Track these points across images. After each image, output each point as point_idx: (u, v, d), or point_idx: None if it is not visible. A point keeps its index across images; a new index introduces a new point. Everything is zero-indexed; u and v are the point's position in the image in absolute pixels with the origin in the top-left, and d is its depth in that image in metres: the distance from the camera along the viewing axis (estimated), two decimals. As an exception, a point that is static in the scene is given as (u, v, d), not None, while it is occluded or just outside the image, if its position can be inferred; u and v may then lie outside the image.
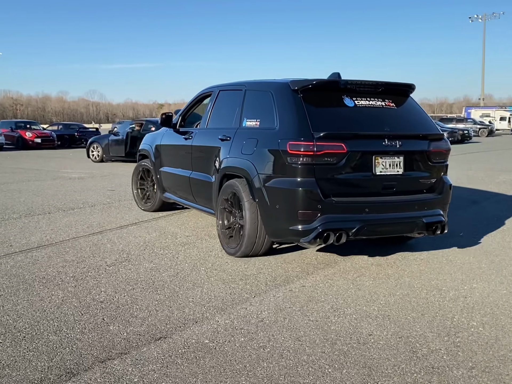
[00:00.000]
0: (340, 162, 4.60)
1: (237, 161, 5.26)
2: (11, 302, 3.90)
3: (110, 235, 6.16)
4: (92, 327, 3.47)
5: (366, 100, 5.05)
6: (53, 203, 8.47)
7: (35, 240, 5.88)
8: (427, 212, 5.01)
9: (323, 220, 4.54)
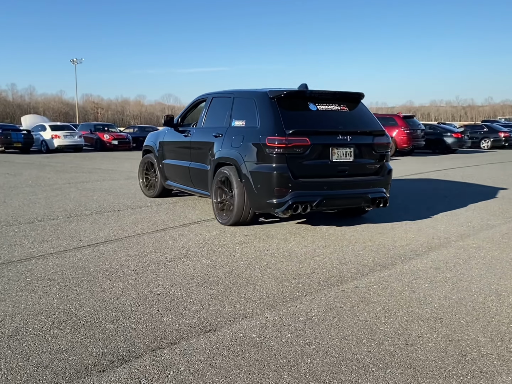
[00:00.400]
0: (305, 152, 6.13)
1: (228, 152, 6.77)
2: (75, 292, 4.15)
3: (172, 232, 6.38)
4: (147, 317, 3.63)
5: (326, 105, 6.57)
6: (123, 201, 8.86)
7: (103, 235, 6.19)
8: (372, 190, 6.58)
9: (292, 195, 6.03)
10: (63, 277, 4.51)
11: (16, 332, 3.34)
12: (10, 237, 6.04)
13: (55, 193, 9.97)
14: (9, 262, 4.98)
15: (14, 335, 3.30)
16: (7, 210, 7.95)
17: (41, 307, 3.80)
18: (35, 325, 3.46)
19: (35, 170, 15.51)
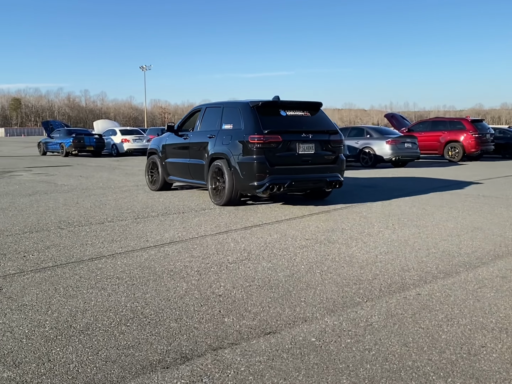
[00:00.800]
0: (278, 146, 8.23)
1: (220, 149, 8.81)
2: (141, 291, 4.32)
3: (234, 235, 6.50)
4: (209, 317, 3.74)
5: (293, 112, 8.70)
6: (187, 204, 9.09)
7: (168, 236, 6.40)
8: (329, 175, 8.70)
9: (269, 179, 8.11)
10: (130, 276, 4.70)
11: (86, 327, 3.53)
12: (82, 237, 6.35)
13: (124, 195, 10.36)
14: (81, 261, 5.24)
15: (85, 330, 3.48)
16: (80, 211, 8.35)
17: (110, 304, 3.99)
18: (104, 321, 3.64)
19: (106, 172, 16.16)
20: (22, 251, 5.61)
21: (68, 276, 4.70)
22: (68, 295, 4.19)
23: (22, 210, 8.46)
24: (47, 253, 5.53)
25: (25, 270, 4.91)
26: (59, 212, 8.21)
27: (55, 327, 3.52)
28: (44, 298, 4.10)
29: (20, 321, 3.63)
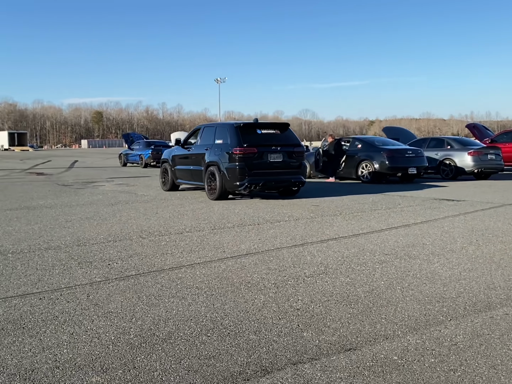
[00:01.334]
0: (254, 156, 11.03)
1: (213, 158, 11.70)
2: (220, 301, 4.38)
3: (310, 248, 6.46)
4: (287, 331, 3.73)
5: (266, 130, 11.55)
6: (262, 215, 9.16)
7: (244, 247, 6.46)
8: (294, 177, 11.60)
9: (248, 180, 10.96)
10: (209, 287, 4.78)
11: (169, 336, 3.62)
12: (162, 246, 6.54)
13: (201, 206, 10.58)
14: (162, 270, 5.39)
15: (168, 338, 3.57)
16: (159, 221, 8.61)
17: (190, 313, 4.07)
18: (186, 330, 3.72)
19: (182, 183, 16.57)
20: (107, 259, 5.85)
21: (150, 285, 4.85)
22: (150, 303, 4.32)
23: (105, 219, 8.84)
24: (130, 262, 5.74)
25: (110, 278, 5.11)
26: (140, 222, 8.50)
27: (139, 335, 3.64)
28: (128, 306, 4.25)
29: (106, 327, 3.78)
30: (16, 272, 5.31)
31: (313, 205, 10.62)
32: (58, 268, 5.48)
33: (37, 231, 7.68)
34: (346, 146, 17.80)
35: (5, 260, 5.83)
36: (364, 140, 17.84)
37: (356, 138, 18.14)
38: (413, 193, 13.31)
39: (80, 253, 6.20)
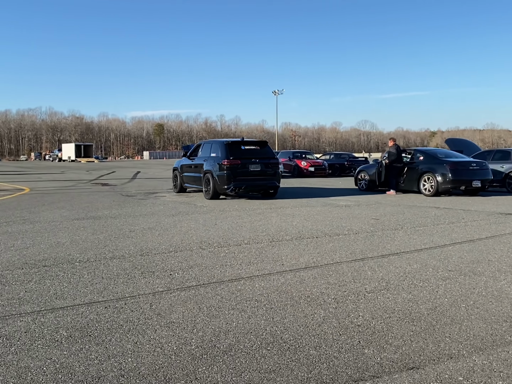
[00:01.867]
0: (238, 166, 14.49)
1: (208, 167, 15.00)
2: (279, 315, 4.38)
3: (371, 262, 6.37)
4: (348, 347, 3.69)
5: (249, 146, 15.36)
6: (320, 228, 9.11)
7: (303, 261, 6.44)
8: (269, 182, 15.15)
9: (233, 184, 14.37)
10: (268, 300, 4.80)
11: (229, 348, 3.65)
12: (221, 258, 6.62)
13: (258, 218, 10.64)
14: (221, 281, 5.46)
15: (228, 350, 3.61)
16: (218, 232, 8.72)
17: (250, 326, 4.10)
18: (246, 343, 3.75)
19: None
20: (168, 270, 5.98)
21: (210, 296, 4.92)
22: (211, 315, 4.38)
23: (167, 229, 9.04)
24: (191, 272, 5.84)
25: (172, 288, 5.22)
26: (200, 233, 8.64)
27: (201, 346, 3.69)
28: (190, 317, 4.32)
29: (169, 337, 3.86)
30: (83, 280, 5.51)
31: (373, 219, 10.46)
32: (122, 277, 5.65)
33: (102, 240, 7.95)
34: (407, 158, 17.45)
35: (72, 268, 6.06)
36: (426, 152, 17.43)
37: (417, 149, 17.73)
38: (478, 207, 12.88)
39: (143, 262, 6.36)
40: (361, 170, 19.08)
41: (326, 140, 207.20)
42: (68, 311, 4.46)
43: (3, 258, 6.62)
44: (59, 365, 3.36)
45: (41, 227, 9.34)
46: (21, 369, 3.30)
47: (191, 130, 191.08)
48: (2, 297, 4.88)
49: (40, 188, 20.35)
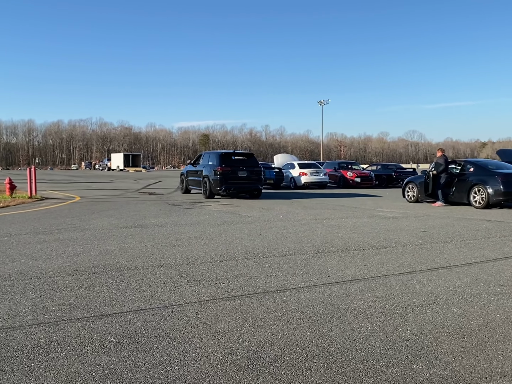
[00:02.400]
0: (229, 172, 18.85)
1: (206, 173, 19.54)
2: (325, 327, 4.34)
3: (419, 276, 6.23)
4: (396, 362, 3.61)
5: (238, 157, 20.01)
6: (367, 240, 8.98)
7: (349, 273, 6.36)
8: (254, 186, 19.72)
9: (224, 186, 18.80)
10: (314, 312, 4.76)
11: (275, 359, 3.64)
12: (266, 268, 6.61)
13: (303, 228, 10.59)
14: (266, 292, 5.45)
15: (274, 362, 3.59)
16: (263, 242, 8.73)
17: (296, 338, 4.07)
18: (292, 355, 3.72)
19: (285, 205, 16.71)
20: (214, 279, 6.02)
21: (255, 306, 4.91)
22: (256, 325, 4.37)
23: (212, 239, 9.11)
24: (236, 282, 5.86)
25: (217, 297, 5.25)
26: (245, 243, 8.67)
27: (246, 356, 3.69)
28: (235, 327, 4.33)
29: (215, 347, 3.88)
30: (131, 288, 5.61)
31: (422, 231, 10.25)
32: (169, 285, 5.72)
33: (149, 248, 8.08)
34: (457, 169, 17.04)
35: (121, 276, 6.18)
36: (476, 163, 16.97)
37: (468, 161, 17.29)
38: (531, 220, 12.42)
39: (189, 271, 6.43)
40: (409, 182, 18.74)
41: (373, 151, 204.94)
42: (116, 318, 4.55)
43: (54, 264, 6.82)
44: (107, 371, 3.42)
45: (91, 235, 9.58)
46: (71, 374, 3.38)
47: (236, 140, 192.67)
48: (54, 302, 5.02)
49: (90, 197, 20.91)
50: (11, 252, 7.70)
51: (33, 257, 7.31)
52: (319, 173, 28.64)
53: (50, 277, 6.10)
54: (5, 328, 4.26)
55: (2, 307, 4.84)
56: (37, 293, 5.35)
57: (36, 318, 4.53)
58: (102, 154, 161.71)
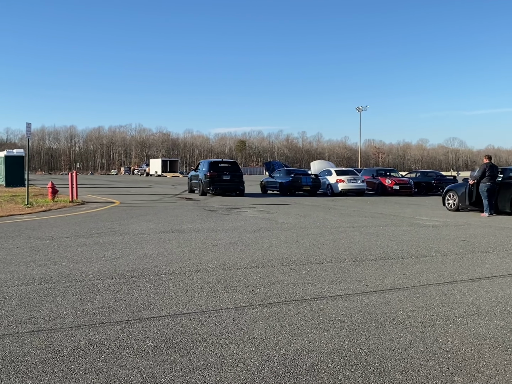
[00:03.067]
0: (215, 176, 25.71)
1: (201, 176, 26.56)
2: (364, 337, 4.27)
3: (460, 286, 6.08)
4: (436, 374, 3.53)
5: (224, 164, 27.17)
6: (406, 249, 8.83)
7: (388, 282, 6.26)
8: (236, 187, 26.49)
9: (212, 187, 25.77)
10: (352, 320, 4.70)
11: (312, 368, 3.60)
12: (303, 276, 6.58)
13: (341, 236, 10.50)
14: (303, 300, 5.42)
15: (311, 370, 3.56)
16: (300, 249, 8.69)
17: (333, 347, 4.03)
18: (329, 364, 3.68)
19: (322, 212, 16.62)
20: (250, 285, 6.02)
21: (292, 314, 4.89)
22: (293, 333, 4.35)
23: (248, 245, 9.13)
24: (273, 289, 5.85)
25: (254, 303, 5.24)
26: (281, 249, 8.65)
27: (283, 364, 3.67)
28: (272, 334, 4.31)
29: (251, 353, 3.87)
30: (168, 292, 5.66)
31: (463, 240, 10.02)
32: (206, 290, 5.75)
33: (187, 253, 8.15)
34: (499, 177, 16.59)
35: (159, 280, 6.25)
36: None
37: (510, 168, 16.84)
38: None
39: (226, 277, 6.45)
40: (449, 190, 18.34)
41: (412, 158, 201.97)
42: (154, 322, 4.60)
43: (94, 268, 6.95)
44: (145, 374, 3.46)
45: (129, 239, 9.73)
46: (110, 376, 3.42)
47: (273, 146, 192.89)
48: (94, 305, 5.11)
49: (129, 201, 21.27)
50: (52, 255, 7.89)
51: (74, 260, 7.47)
52: (357, 180, 28.34)
53: (90, 280, 6.22)
54: (47, 329, 4.36)
55: (44, 309, 4.96)
56: (77, 296, 5.46)
57: (76, 320, 4.62)
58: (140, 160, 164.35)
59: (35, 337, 4.16)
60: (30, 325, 4.46)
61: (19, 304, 5.13)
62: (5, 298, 5.36)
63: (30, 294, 5.53)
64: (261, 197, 25.86)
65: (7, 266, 6.99)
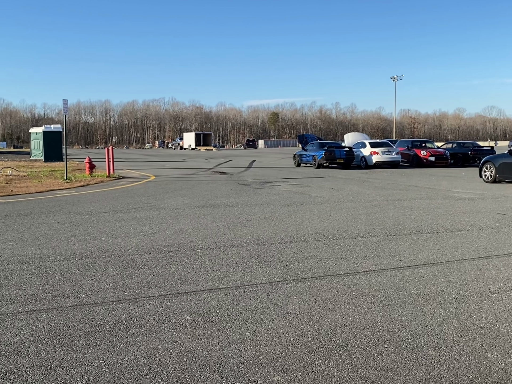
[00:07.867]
0: None
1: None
2: (397, 312, 4.32)
3: (496, 261, 6.04)
4: (470, 350, 3.56)
5: None
6: (441, 223, 8.76)
7: (421, 257, 6.26)
8: None
9: None
10: (385, 296, 4.74)
11: (345, 343, 3.68)
12: (336, 251, 6.62)
13: (374, 210, 10.46)
14: (337, 275, 5.48)
15: (344, 345, 3.64)
16: (333, 224, 8.72)
17: (366, 322, 4.09)
18: (362, 339, 3.75)
19: (355, 185, 16.52)
20: (284, 260, 6.11)
21: (326, 289, 4.96)
22: (327, 308, 4.42)
23: (282, 220, 9.20)
24: (306, 264, 5.92)
25: (288, 278, 5.33)
26: (315, 224, 8.69)
27: (317, 339, 3.75)
28: (306, 309, 4.40)
29: (286, 328, 3.97)
30: (204, 267, 5.80)
31: (499, 214, 9.87)
32: (240, 265, 5.87)
33: (221, 228, 8.29)
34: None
35: (195, 255, 6.40)
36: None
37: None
38: None
39: (260, 252, 6.55)
40: (486, 161, 17.96)
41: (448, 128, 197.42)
42: (191, 296, 4.73)
43: (133, 242, 7.15)
44: (184, 348, 3.59)
45: (165, 214, 9.92)
46: (150, 350, 3.57)
47: (306, 118, 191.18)
48: (133, 280, 5.29)
49: (164, 176, 21.55)
50: (92, 230, 8.13)
51: (113, 235, 7.69)
52: (391, 152, 27.96)
53: (129, 255, 6.41)
54: (89, 304, 4.54)
55: (86, 284, 5.15)
56: (117, 271, 5.65)
57: (116, 295, 4.80)
58: (174, 133, 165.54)
59: (78, 311, 4.35)
60: (73, 300, 4.65)
61: (61, 279, 5.35)
62: (48, 273, 5.59)
63: (72, 269, 5.75)
64: (294, 171, 25.79)
65: (49, 241, 7.24)
